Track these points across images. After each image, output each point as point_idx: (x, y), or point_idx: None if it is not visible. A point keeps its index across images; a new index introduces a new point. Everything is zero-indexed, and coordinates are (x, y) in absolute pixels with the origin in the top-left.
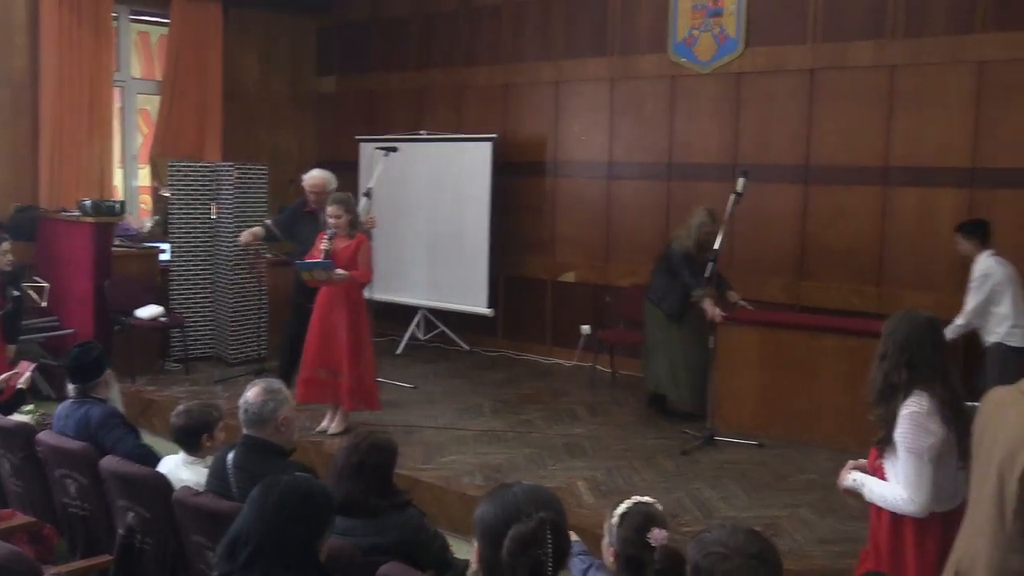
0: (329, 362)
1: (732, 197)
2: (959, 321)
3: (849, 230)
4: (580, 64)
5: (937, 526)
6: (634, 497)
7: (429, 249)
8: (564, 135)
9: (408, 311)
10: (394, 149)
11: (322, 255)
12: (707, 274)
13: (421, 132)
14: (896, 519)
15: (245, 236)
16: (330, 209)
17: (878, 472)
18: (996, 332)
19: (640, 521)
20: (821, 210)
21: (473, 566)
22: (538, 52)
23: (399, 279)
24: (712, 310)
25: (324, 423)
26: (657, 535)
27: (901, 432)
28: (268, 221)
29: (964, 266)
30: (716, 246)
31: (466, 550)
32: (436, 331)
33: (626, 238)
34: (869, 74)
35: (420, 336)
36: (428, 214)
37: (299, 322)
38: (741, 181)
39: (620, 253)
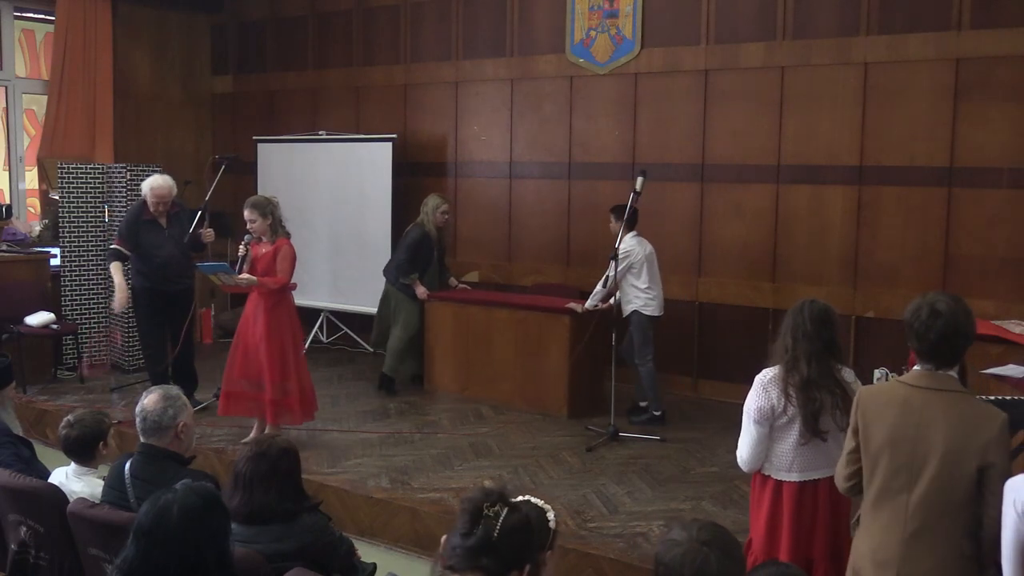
0: (250, 374)
1: (631, 196)
2: (597, 287)
3: (744, 227)
4: (479, 64)
5: (770, 491)
6: (527, 496)
7: (330, 251)
8: (464, 135)
9: (310, 313)
10: (235, 157)
11: (239, 261)
12: (610, 272)
13: (320, 132)
14: (753, 479)
15: (120, 302)
16: (245, 214)
17: None
18: (634, 302)
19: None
20: (717, 208)
21: None
22: (437, 52)
23: (300, 281)
24: (421, 290)
25: (252, 436)
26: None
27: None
28: (115, 247)
29: (853, 260)
30: (617, 245)
31: (372, 554)
32: (339, 333)
33: (528, 238)
34: (760, 75)
35: (323, 339)
36: (329, 215)
37: (154, 329)
38: (640, 180)
39: (523, 253)
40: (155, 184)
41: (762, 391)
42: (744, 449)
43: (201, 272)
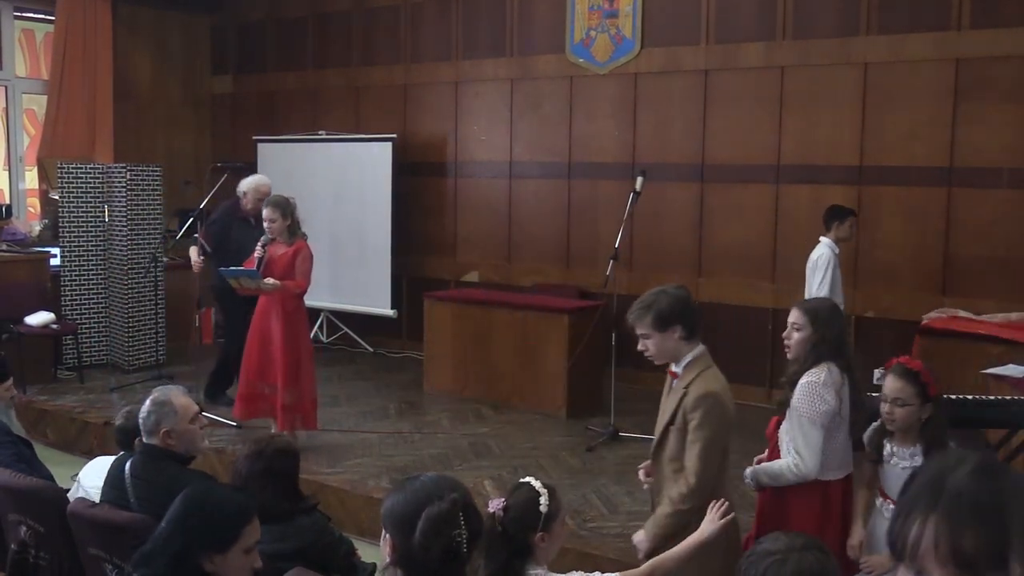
0: (265, 376)
1: (631, 196)
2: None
3: (744, 227)
4: (479, 64)
5: (818, 495)
6: (527, 478)
7: (331, 251)
8: (464, 135)
9: (310, 314)
10: (239, 167)
11: (256, 262)
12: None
13: (320, 132)
14: (779, 492)
15: (196, 265)
16: (265, 212)
17: (772, 440)
18: None
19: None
20: (717, 208)
21: (385, 559)
22: (437, 52)
23: None
24: None
25: None
26: (491, 504)
27: (797, 399)
28: (196, 236)
29: (853, 260)
30: (617, 244)
31: (372, 554)
32: (339, 333)
33: (528, 238)
34: (760, 75)
35: (323, 339)
36: (329, 216)
37: (235, 337)
38: (639, 180)
39: (522, 253)
40: (262, 182)
41: (821, 395)
42: (815, 456)
43: (222, 276)
